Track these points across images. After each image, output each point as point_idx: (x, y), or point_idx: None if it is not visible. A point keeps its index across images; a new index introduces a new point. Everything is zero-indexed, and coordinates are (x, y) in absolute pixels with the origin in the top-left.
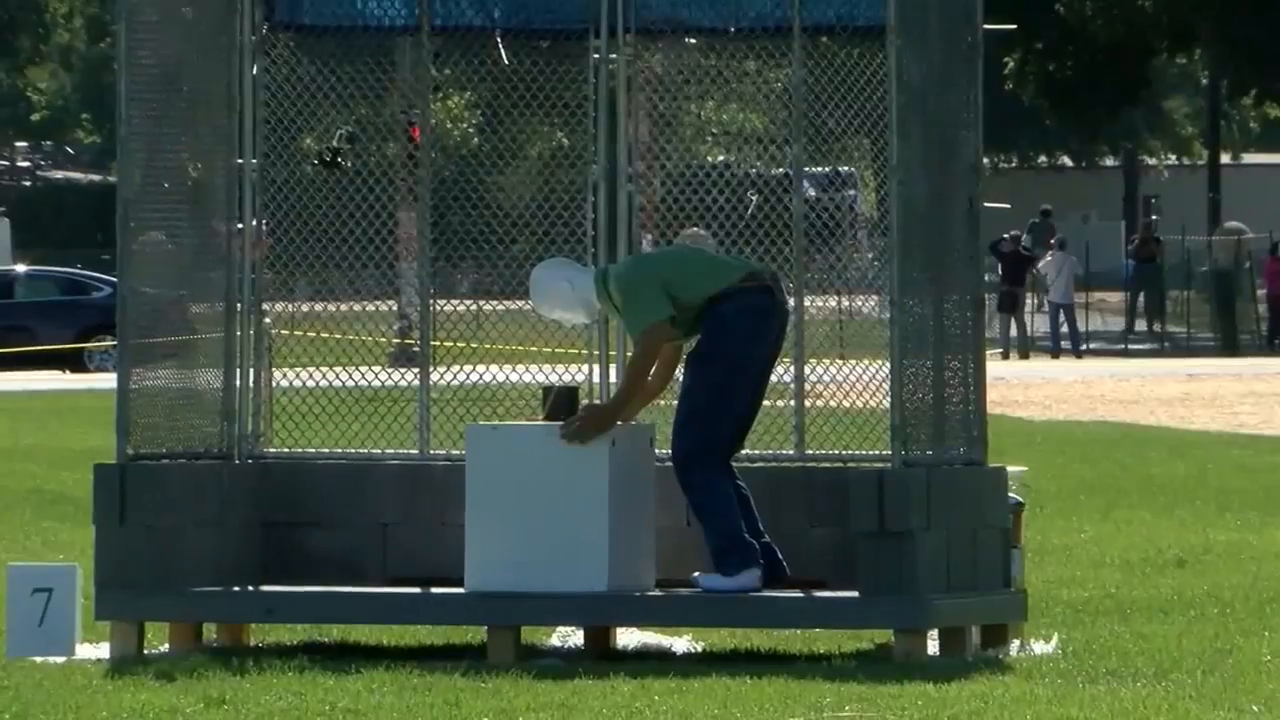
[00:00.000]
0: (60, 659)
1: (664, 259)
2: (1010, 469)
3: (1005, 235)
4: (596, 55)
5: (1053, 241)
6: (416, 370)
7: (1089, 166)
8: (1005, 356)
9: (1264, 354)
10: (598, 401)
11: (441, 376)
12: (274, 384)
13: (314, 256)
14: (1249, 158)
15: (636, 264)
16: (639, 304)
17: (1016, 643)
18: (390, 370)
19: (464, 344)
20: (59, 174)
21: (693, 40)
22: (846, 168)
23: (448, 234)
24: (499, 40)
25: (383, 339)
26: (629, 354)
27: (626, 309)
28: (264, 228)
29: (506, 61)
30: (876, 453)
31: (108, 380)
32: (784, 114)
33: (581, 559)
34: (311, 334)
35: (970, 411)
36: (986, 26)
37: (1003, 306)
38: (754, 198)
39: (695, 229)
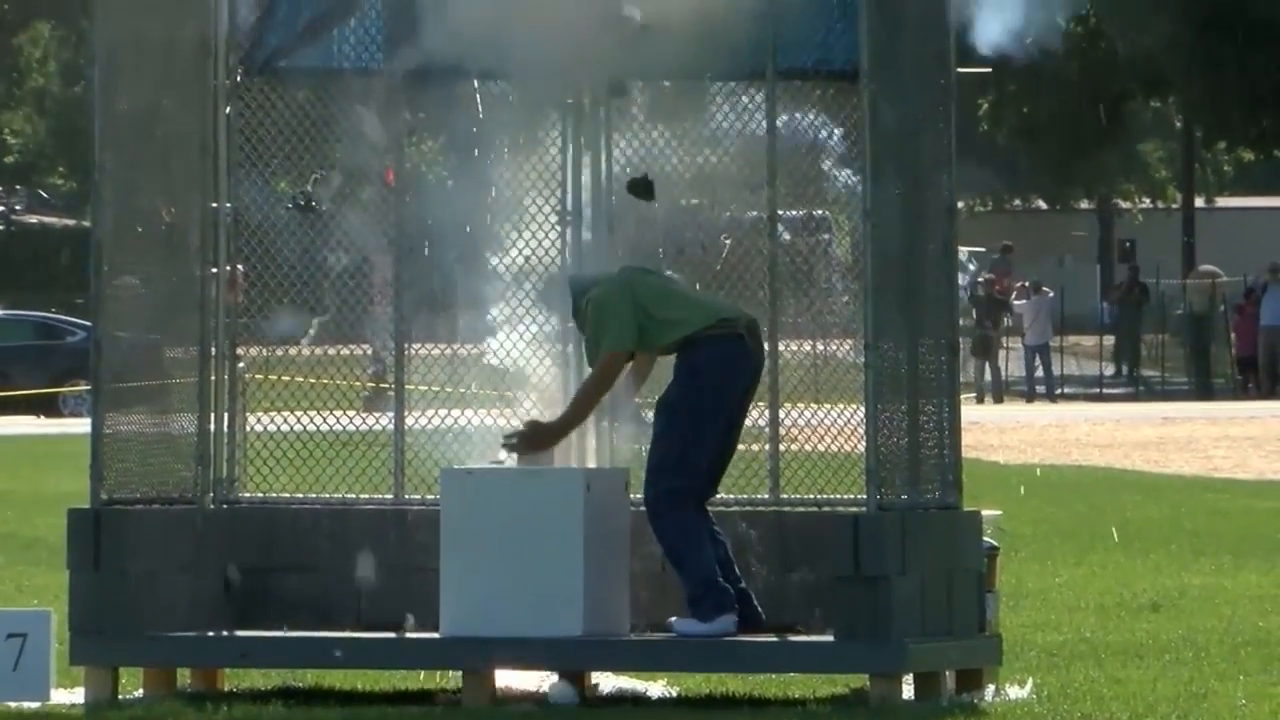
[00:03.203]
0: (35, 704)
1: (648, 291)
2: (985, 513)
3: (979, 279)
4: (570, 100)
5: (1026, 284)
6: (391, 414)
7: (1063, 210)
8: (980, 401)
9: (1238, 398)
10: (543, 419)
11: (416, 421)
12: (248, 428)
13: (288, 300)
14: (1223, 201)
15: (619, 288)
16: (606, 327)
17: (991, 687)
18: (365, 414)
19: (439, 388)
20: (33, 218)
21: (667, 84)
22: (821, 211)
23: (422, 277)
24: (476, 89)
25: (357, 383)
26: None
27: (594, 328)
28: (239, 271)
29: (482, 114)
30: (851, 497)
31: (81, 425)
32: (758, 158)
33: (556, 603)
34: (286, 378)
35: (945, 455)
36: (961, 70)
37: (976, 350)
38: (728, 241)
39: (669, 273)
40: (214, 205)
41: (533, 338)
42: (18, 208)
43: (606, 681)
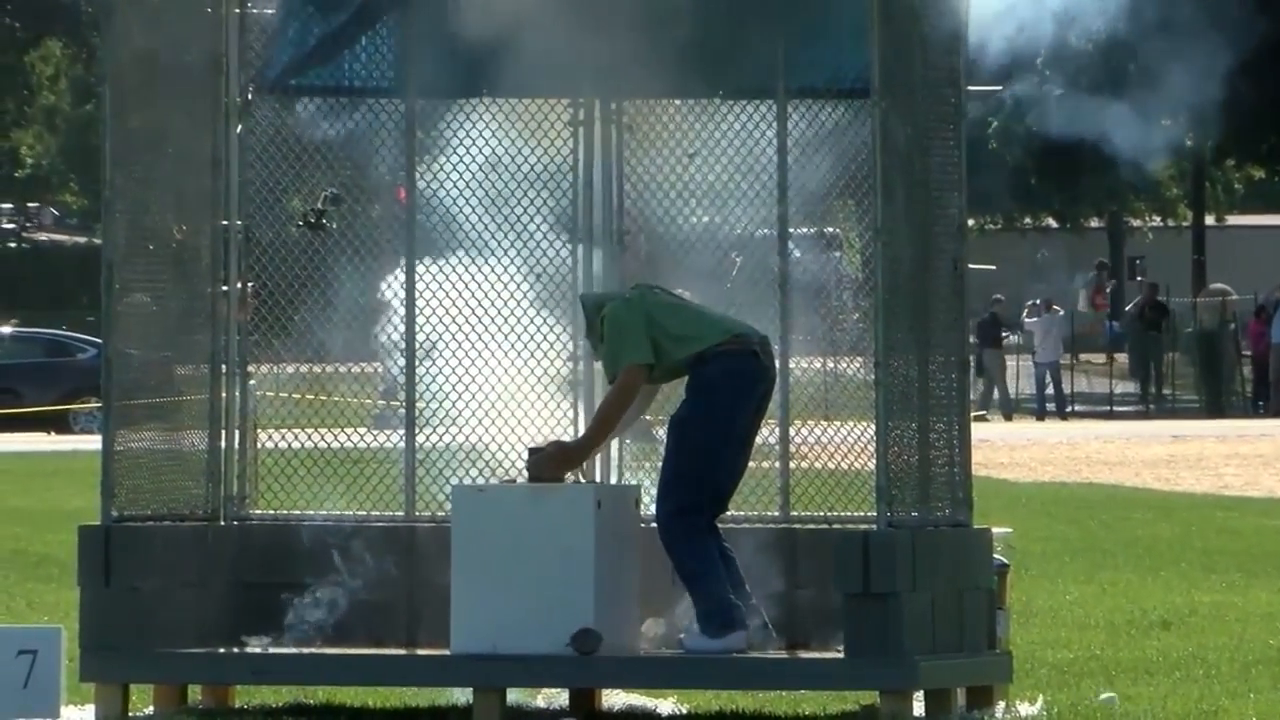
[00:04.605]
0: None
1: (661, 307)
2: (995, 530)
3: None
4: (581, 118)
5: (1038, 303)
6: (401, 432)
7: (1073, 228)
8: (984, 417)
9: (1248, 416)
10: (566, 439)
11: (428, 438)
12: (259, 446)
13: (299, 318)
14: (1233, 219)
15: (632, 304)
16: (624, 342)
17: (1002, 704)
18: (375, 432)
19: (450, 405)
20: (44, 235)
21: (678, 101)
22: (831, 229)
23: (431, 295)
24: (486, 108)
25: (368, 400)
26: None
27: (610, 344)
28: (249, 289)
29: (491, 133)
30: (862, 514)
31: (92, 442)
32: (769, 175)
33: (567, 620)
34: (297, 395)
35: (955, 473)
36: (971, 88)
37: (979, 370)
38: (738, 259)
39: (680, 291)
40: (224, 223)
41: (544, 356)
42: (29, 224)
43: (616, 698)
